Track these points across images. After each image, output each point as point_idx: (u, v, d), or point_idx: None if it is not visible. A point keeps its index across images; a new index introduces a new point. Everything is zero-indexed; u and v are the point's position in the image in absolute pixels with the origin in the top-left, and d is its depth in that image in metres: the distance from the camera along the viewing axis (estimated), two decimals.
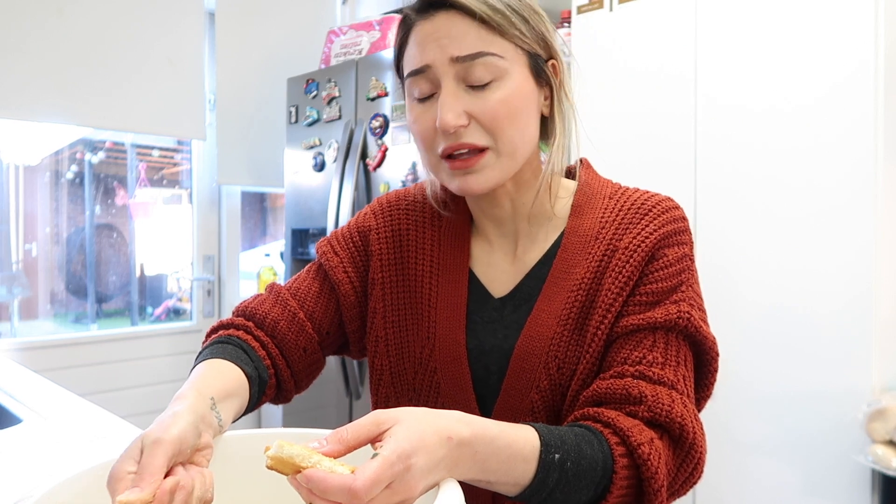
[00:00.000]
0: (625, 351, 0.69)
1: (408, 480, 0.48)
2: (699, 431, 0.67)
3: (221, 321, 0.82)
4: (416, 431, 0.50)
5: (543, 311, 0.74)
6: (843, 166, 1.56)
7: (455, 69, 0.69)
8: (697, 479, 0.68)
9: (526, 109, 0.72)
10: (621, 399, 0.66)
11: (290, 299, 0.82)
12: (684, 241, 0.75)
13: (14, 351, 2.48)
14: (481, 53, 0.68)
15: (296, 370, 0.82)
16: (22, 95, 2.38)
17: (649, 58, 1.89)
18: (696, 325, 0.70)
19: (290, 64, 3.05)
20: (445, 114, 0.68)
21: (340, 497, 0.46)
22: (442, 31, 0.69)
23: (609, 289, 0.71)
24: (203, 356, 0.73)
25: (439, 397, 0.78)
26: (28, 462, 0.95)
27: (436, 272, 0.81)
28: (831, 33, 1.58)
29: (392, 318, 0.82)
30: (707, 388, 0.76)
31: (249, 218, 3.40)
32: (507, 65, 0.70)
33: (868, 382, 1.52)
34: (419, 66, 0.71)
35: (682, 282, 0.72)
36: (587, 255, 0.74)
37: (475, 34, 0.68)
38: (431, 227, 0.84)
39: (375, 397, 0.85)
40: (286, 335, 0.80)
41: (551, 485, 0.58)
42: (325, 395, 2.55)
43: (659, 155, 1.89)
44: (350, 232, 0.87)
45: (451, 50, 0.68)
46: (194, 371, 0.69)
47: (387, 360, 0.82)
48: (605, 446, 0.62)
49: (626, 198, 0.77)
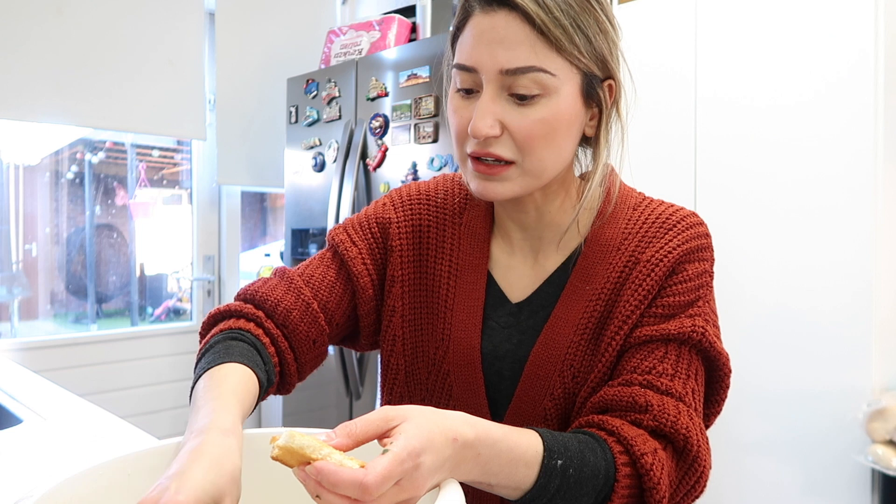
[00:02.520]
0: (635, 360, 0.69)
1: (416, 478, 0.48)
2: (704, 445, 0.66)
3: (228, 306, 0.76)
4: (426, 430, 0.50)
5: (560, 319, 0.73)
6: (843, 163, 1.56)
7: (501, 79, 0.66)
8: (700, 492, 0.67)
9: (565, 133, 0.69)
10: (627, 406, 0.66)
11: (303, 287, 0.78)
12: (706, 257, 0.74)
13: (14, 351, 2.48)
14: (532, 68, 0.65)
15: (302, 362, 0.79)
16: (22, 95, 2.38)
17: (649, 56, 1.89)
18: (710, 340, 0.70)
19: (290, 64, 3.05)
20: (478, 120, 0.66)
21: (351, 491, 0.45)
22: (498, 34, 0.65)
23: (628, 300, 0.71)
24: (215, 356, 0.66)
25: (451, 400, 0.77)
26: (28, 462, 0.95)
27: (454, 273, 0.79)
28: (831, 30, 1.58)
29: (409, 316, 0.81)
30: (717, 404, 0.75)
31: (249, 218, 3.40)
32: (557, 83, 0.66)
33: (868, 382, 1.52)
34: (467, 64, 0.68)
35: (699, 297, 0.72)
36: (608, 266, 0.73)
37: (530, 45, 0.65)
38: (452, 224, 0.82)
39: (389, 396, 0.83)
40: (298, 326, 0.76)
41: (552, 490, 0.58)
42: (325, 395, 2.55)
43: (659, 152, 1.89)
44: (368, 222, 0.84)
45: (502, 60, 0.65)
46: (214, 380, 0.62)
47: (402, 360, 0.81)
48: (609, 454, 0.61)
49: (650, 210, 0.76)
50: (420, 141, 2.21)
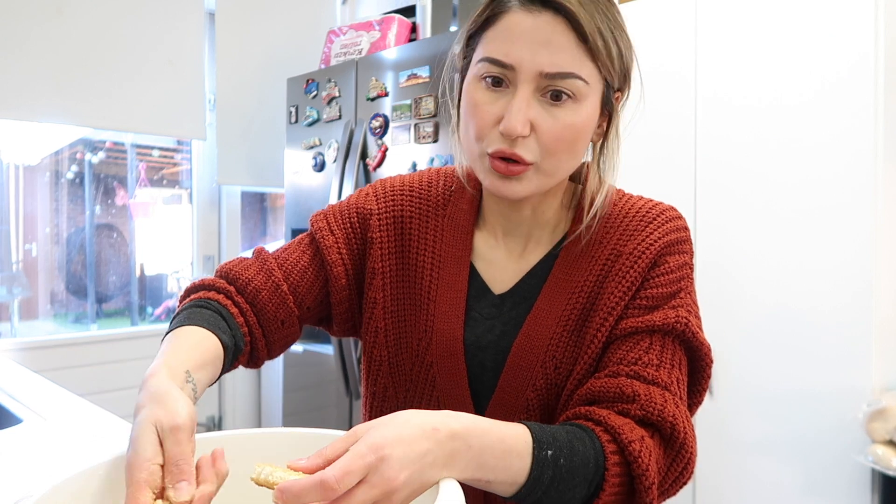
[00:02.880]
0: (621, 352, 0.70)
1: (384, 471, 0.48)
2: (690, 432, 0.67)
3: (203, 280, 0.79)
4: (390, 428, 0.51)
5: (543, 311, 0.74)
6: (843, 164, 1.56)
7: (538, 81, 0.66)
8: (687, 478, 0.68)
9: (585, 139, 0.71)
10: (614, 397, 0.66)
11: (275, 269, 0.80)
12: (685, 249, 0.76)
13: (14, 351, 2.48)
14: (571, 75, 0.66)
15: (270, 340, 0.80)
16: (22, 95, 2.38)
17: (649, 56, 1.89)
18: (693, 330, 0.71)
19: (290, 64, 3.05)
20: (514, 120, 0.66)
21: (314, 495, 0.46)
22: (542, 35, 0.65)
23: (611, 293, 0.72)
24: (180, 320, 0.70)
25: (434, 391, 0.78)
26: (28, 462, 0.95)
27: (437, 264, 0.80)
28: (831, 30, 1.58)
29: (392, 308, 0.81)
30: (699, 394, 0.76)
31: (249, 218, 3.40)
32: (587, 91, 0.68)
33: (868, 382, 1.52)
34: (506, 61, 0.67)
35: (681, 288, 0.73)
36: (590, 259, 0.75)
37: (572, 51, 0.65)
38: (435, 216, 0.83)
39: (373, 388, 0.84)
40: (266, 305, 0.78)
41: (546, 482, 0.58)
42: (325, 395, 2.55)
43: (659, 153, 1.89)
44: (349, 211, 0.85)
45: (544, 63, 0.65)
46: (171, 339, 0.67)
47: (385, 352, 0.82)
48: (597, 443, 0.62)
49: (630, 205, 0.78)
50: (420, 141, 2.21)
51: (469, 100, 0.71)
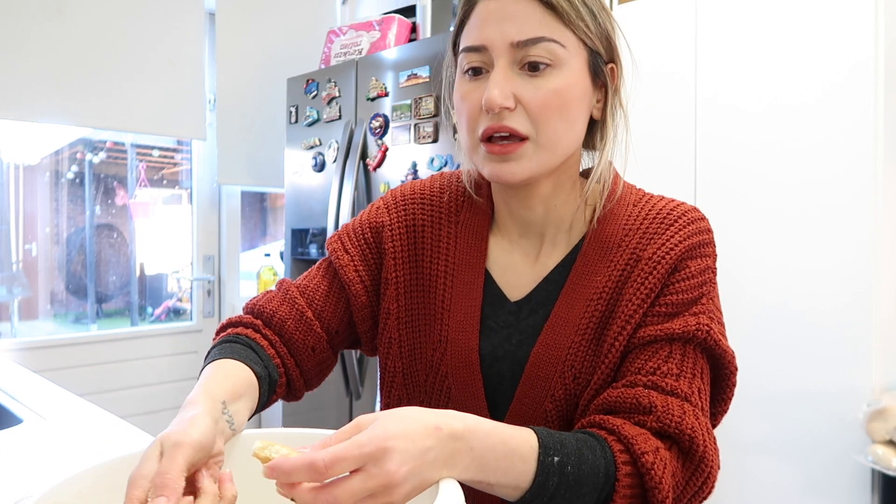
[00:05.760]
0: (639, 361, 0.68)
1: (385, 464, 0.47)
2: (710, 445, 0.65)
3: (231, 319, 0.80)
4: (394, 421, 0.50)
5: (561, 319, 0.72)
6: (844, 164, 1.56)
7: (512, 53, 0.67)
8: (708, 493, 0.66)
9: (577, 105, 0.69)
10: (630, 408, 0.64)
11: (298, 297, 0.80)
12: (708, 253, 0.73)
13: (14, 351, 2.48)
14: (542, 38, 0.66)
15: (305, 368, 0.80)
16: (22, 95, 2.38)
17: (649, 57, 1.89)
18: (716, 338, 0.69)
19: (290, 64, 3.05)
20: (492, 90, 0.66)
21: (303, 475, 0.46)
22: (506, 12, 0.67)
23: (630, 300, 0.69)
24: (212, 356, 0.71)
25: (450, 402, 0.76)
26: (28, 462, 0.95)
27: (451, 272, 0.78)
28: (831, 31, 1.58)
29: (405, 318, 0.80)
30: (724, 402, 0.74)
31: (249, 218, 3.40)
32: (566, 55, 0.67)
33: (868, 382, 1.52)
34: (476, 44, 0.68)
35: (703, 294, 0.70)
36: (608, 263, 0.72)
37: (539, 18, 0.66)
38: (448, 223, 0.81)
39: (387, 399, 0.82)
40: (294, 334, 0.78)
41: (552, 489, 0.56)
42: (325, 395, 2.55)
43: (659, 153, 1.89)
44: (362, 228, 0.84)
45: (512, 34, 0.66)
46: (204, 373, 0.67)
47: (399, 363, 0.80)
48: (608, 453, 0.60)
49: (651, 206, 0.75)
50: (420, 141, 2.21)
51: (457, 96, 0.72)
